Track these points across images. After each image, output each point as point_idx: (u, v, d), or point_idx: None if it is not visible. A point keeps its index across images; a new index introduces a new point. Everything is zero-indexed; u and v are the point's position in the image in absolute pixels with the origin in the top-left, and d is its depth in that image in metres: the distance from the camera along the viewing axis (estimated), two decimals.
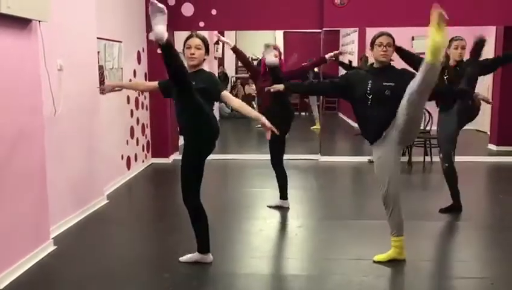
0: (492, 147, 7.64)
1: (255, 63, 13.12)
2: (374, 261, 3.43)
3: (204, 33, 10.57)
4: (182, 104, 3.19)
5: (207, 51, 3.30)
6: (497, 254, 3.71)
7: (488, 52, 8.08)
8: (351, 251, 3.69)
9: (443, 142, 4.41)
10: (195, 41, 3.27)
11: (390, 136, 3.26)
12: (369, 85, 3.32)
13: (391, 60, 3.44)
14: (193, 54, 3.24)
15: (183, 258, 3.40)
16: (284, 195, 4.71)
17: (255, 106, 12.31)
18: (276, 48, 4.64)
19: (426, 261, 3.51)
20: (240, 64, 13.85)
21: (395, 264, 3.35)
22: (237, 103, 3.28)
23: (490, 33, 7.90)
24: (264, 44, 4.43)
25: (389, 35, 3.38)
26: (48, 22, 3.59)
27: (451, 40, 4.30)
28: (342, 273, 3.33)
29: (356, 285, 3.14)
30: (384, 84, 3.27)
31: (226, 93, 3.26)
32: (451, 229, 4.28)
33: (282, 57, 4.84)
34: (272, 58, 4.28)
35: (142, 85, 3.88)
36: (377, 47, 3.34)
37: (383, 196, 3.35)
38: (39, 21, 3.52)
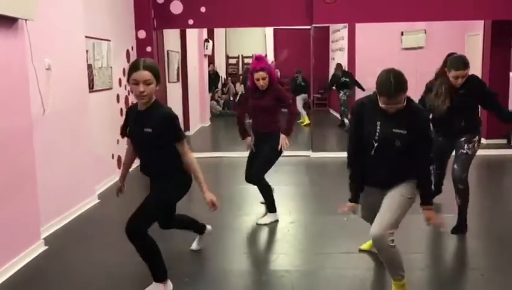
0: (482, 140, 7.68)
1: (246, 61, 13.15)
2: (360, 250, 3.51)
3: (194, 31, 10.50)
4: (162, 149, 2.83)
5: (158, 81, 2.74)
6: (486, 244, 3.75)
7: (477, 45, 8.17)
8: (342, 245, 3.71)
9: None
10: (143, 75, 2.66)
11: (380, 196, 2.85)
12: (378, 128, 2.69)
13: None
14: (142, 91, 2.68)
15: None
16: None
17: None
18: (263, 68, 4.12)
19: (416, 253, 3.54)
20: (230, 62, 13.85)
21: None
22: (189, 160, 2.83)
23: (478, 27, 7.98)
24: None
25: (397, 93, 2.54)
26: (34, 21, 3.57)
27: (451, 65, 3.59)
28: (334, 267, 3.34)
29: (348, 279, 3.16)
30: (395, 130, 2.65)
31: (182, 146, 2.81)
32: None
33: (272, 61, 4.62)
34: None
35: (129, 151, 3.19)
36: (383, 105, 2.63)
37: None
38: (25, 20, 3.49)
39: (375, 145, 2.71)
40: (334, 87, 10.02)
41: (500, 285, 3.06)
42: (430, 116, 3.64)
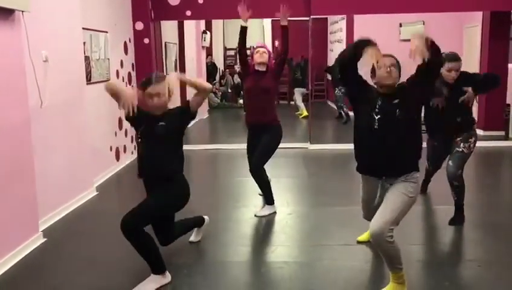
0: (480, 132, 7.71)
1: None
2: (358, 242, 3.54)
3: (192, 22, 10.43)
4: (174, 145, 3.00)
5: (171, 92, 2.98)
6: (484, 236, 3.77)
7: (475, 37, 8.15)
8: (340, 237, 3.72)
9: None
10: (156, 88, 2.89)
11: (382, 188, 2.86)
12: (379, 102, 2.77)
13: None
14: (155, 104, 2.91)
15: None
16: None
17: (241, 101, 12.31)
18: (264, 46, 4.39)
19: (414, 245, 3.56)
20: (228, 54, 13.79)
21: None
22: (195, 84, 2.98)
23: (476, 18, 7.96)
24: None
25: (390, 55, 2.85)
26: (31, 13, 3.55)
27: (444, 60, 3.59)
28: (332, 259, 3.36)
29: (346, 270, 3.18)
30: (394, 102, 2.75)
31: (191, 101, 3.00)
32: (438, 213, 4.32)
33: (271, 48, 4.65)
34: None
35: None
36: (381, 70, 2.78)
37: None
38: (22, 11, 3.46)
39: (377, 117, 2.73)
40: (330, 78, 10.05)
41: (497, 276, 3.08)
42: (425, 118, 3.82)
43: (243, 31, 4.40)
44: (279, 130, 4.31)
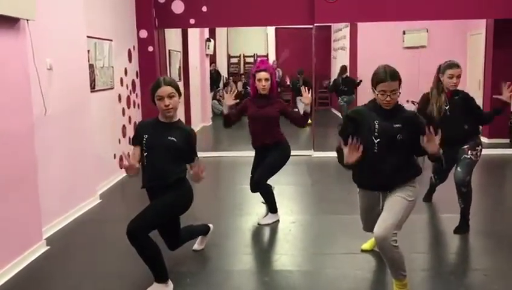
0: (484, 139, 7.68)
1: (248, 60, 13.12)
2: (361, 250, 3.52)
3: (196, 30, 10.49)
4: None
5: (179, 94, 2.99)
6: (489, 244, 3.73)
7: (479, 44, 8.14)
8: (344, 246, 3.70)
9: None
10: (166, 90, 2.89)
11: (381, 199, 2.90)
12: (376, 126, 2.72)
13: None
14: (168, 105, 2.90)
15: None
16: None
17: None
18: (266, 68, 4.15)
19: (419, 253, 3.53)
20: (231, 61, 13.83)
21: None
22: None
23: (480, 26, 7.96)
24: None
25: (391, 77, 2.66)
26: (36, 21, 3.57)
27: (445, 67, 3.76)
28: (336, 268, 3.34)
29: (350, 279, 3.16)
30: (395, 126, 2.70)
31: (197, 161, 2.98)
32: (443, 222, 4.30)
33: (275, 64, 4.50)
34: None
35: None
36: (379, 96, 2.70)
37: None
38: (27, 20, 3.49)
39: (377, 141, 2.72)
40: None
41: (503, 285, 3.04)
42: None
43: (226, 119, 4.30)
44: (287, 147, 4.24)
